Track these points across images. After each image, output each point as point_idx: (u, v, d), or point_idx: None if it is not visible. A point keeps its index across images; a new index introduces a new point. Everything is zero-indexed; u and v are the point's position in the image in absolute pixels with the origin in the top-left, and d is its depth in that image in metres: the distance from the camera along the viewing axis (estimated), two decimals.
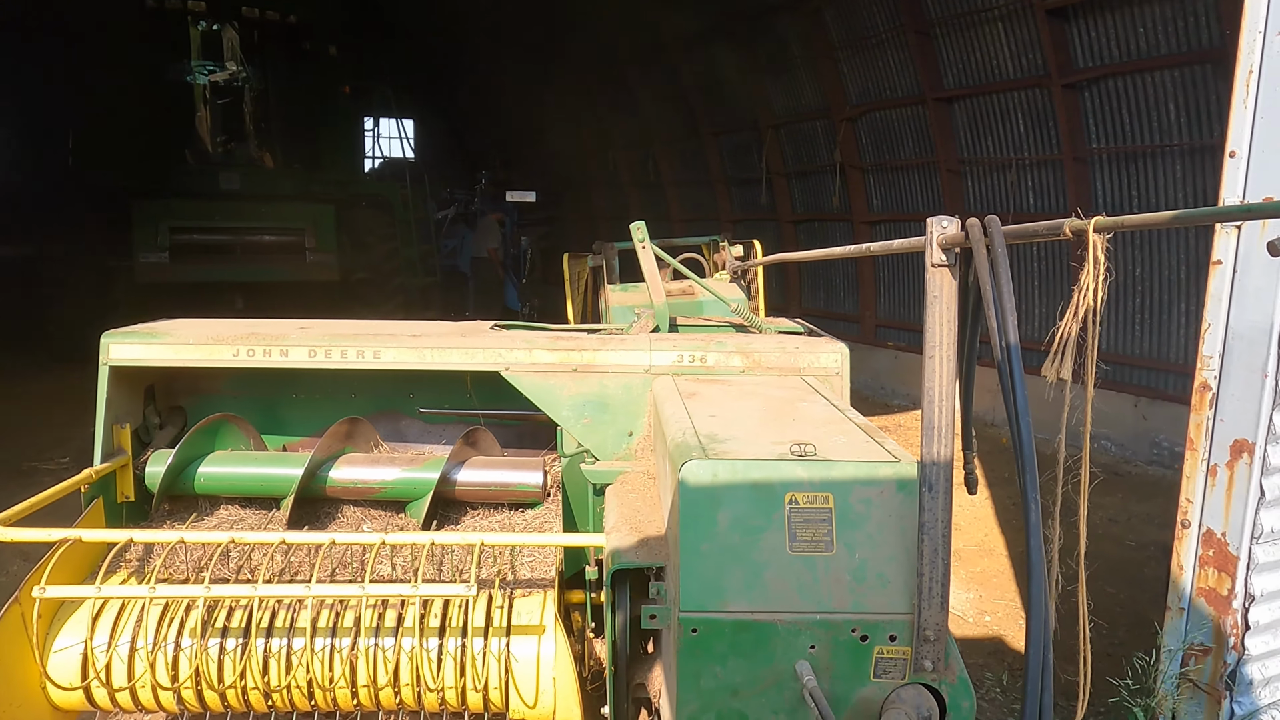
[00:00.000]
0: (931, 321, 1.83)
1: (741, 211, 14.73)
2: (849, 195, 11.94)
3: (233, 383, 3.43)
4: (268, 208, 12.31)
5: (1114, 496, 7.51)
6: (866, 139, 11.60)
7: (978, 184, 10.07)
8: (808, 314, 12.38)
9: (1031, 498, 1.34)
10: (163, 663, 2.47)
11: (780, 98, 13.03)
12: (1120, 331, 8.70)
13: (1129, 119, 8.12)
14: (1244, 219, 0.91)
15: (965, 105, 9.91)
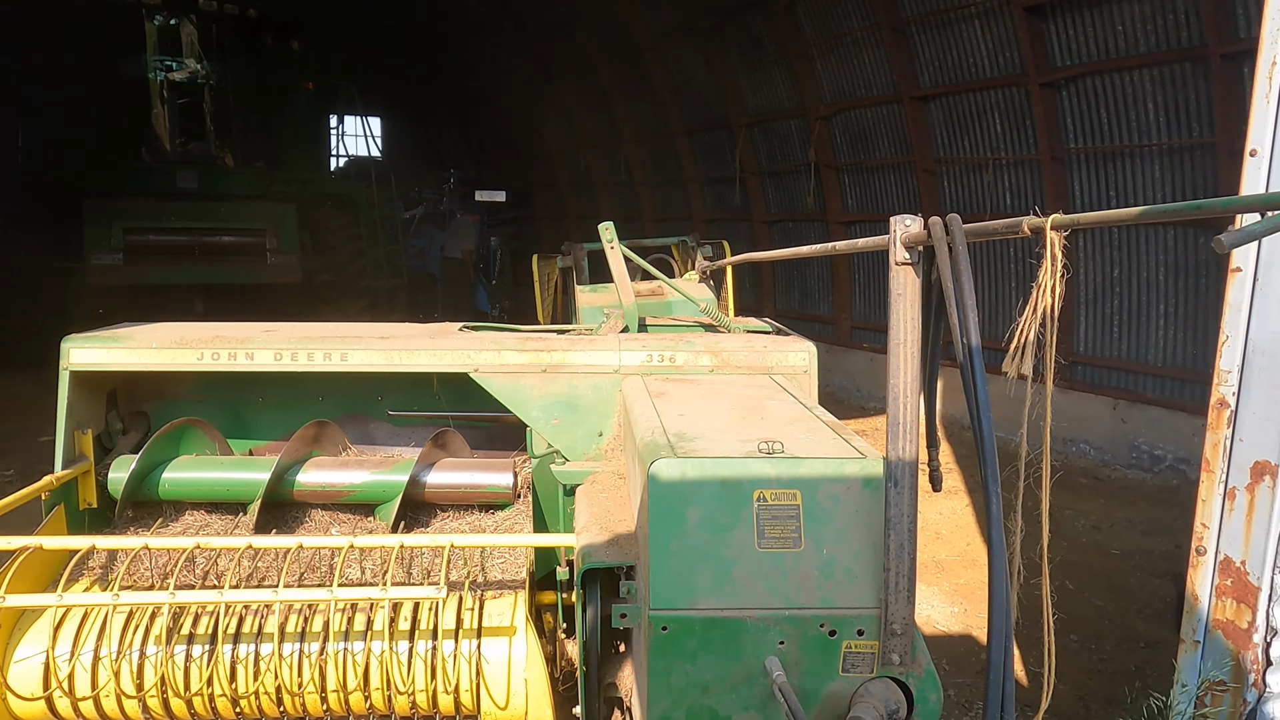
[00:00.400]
0: (895, 319, 1.85)
1: (715, 211, 14.55)
2: (824, 195, 11.79)
3: (197, 387, 3.39)
4: (227, 207, 11.94)
5: (1095, 502, 7.39)
6: (841, 138, 11.46)
7: (954, 184, 9.94)
8: (782, 315, 12.40)
9: (993, 490, 1.37)
10: (127, 671, 2.43)
11: (753, 96, 12.86)
12: (1098, 333, 8.59)
13: (1107, 118, 8.02)
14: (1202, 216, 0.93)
15: (941, 104, 9.77)
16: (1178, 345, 7.93)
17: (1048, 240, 1.27)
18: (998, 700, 1.28)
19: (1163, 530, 6.69)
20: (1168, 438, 7.96)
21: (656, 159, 16.01)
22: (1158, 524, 6.81)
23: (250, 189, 12.37)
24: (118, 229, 11.37)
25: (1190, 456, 7.73)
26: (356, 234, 13.48)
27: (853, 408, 11.06)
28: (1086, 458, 8.54)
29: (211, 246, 11.76)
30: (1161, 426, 7.99)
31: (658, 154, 15.88)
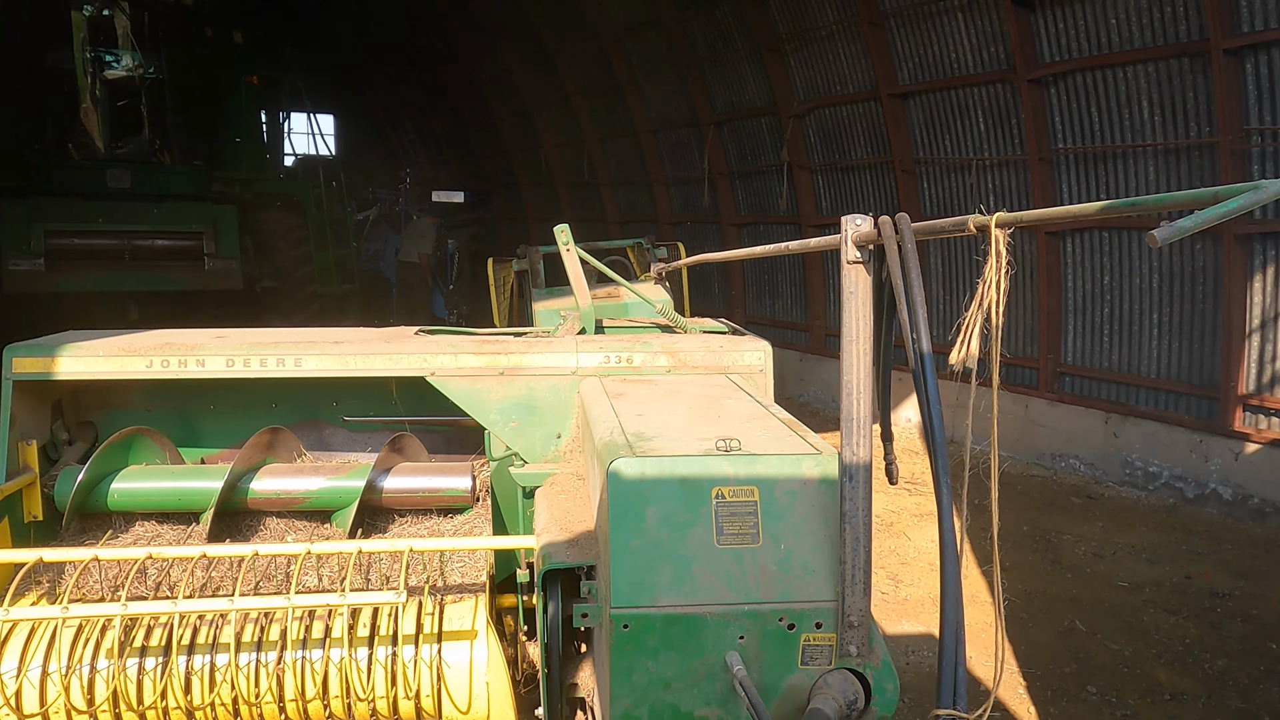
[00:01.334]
0: (848, 317, 1.89)
1: (682, 213, 14.04)
2: (797, 196, 11.31)
3: (145, 395, 3.33)
4: (162, 208, 10.95)
5: (1092, 526, 6.99)
6: (815, 137, 10.97)
7: (934, 185, 9.52)
8: (752, 322, 12.14)
9: (944, 481, 1.40)
10: (78, 686, 2.38)
11: (723, 93, 12.31)
12: (1088, 343, 8.19)
13: (1099, 117, 7.62)
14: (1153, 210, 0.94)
15: (922, 102, 9.30)
16: (1173, 356, 7.55)
17: (993, 238, 1.31)
18: (950, 684, 1.31)
19: (1168, 558, 6.34)
20: (1162, 454, 7.58)
21: (620, 159, 15.42)
22: (1162, 551, 6.46)
23: (188, 189, 11.48)
24: (38, 231, 10.40)
25: (1187, 474, 7.38)
26: (304, 237, 12.55)
27: (829, 419, 10.55)
28: (1076, 474, 8.16)
29: (143, 250, 10.79)
30: (1156, 442, 7.62)
31: (622, 153, 15.31)
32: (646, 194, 14.79)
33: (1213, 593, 5.74)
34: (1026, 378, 8.73)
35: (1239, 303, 6.84)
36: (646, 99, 13.98)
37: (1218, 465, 7.16)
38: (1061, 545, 6.55)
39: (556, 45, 15.24)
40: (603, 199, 15.97)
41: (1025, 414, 8.66)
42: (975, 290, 1.33)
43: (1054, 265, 8.25)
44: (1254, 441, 6.94)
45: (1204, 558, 6.33)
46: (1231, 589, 5.79)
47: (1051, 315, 8.34)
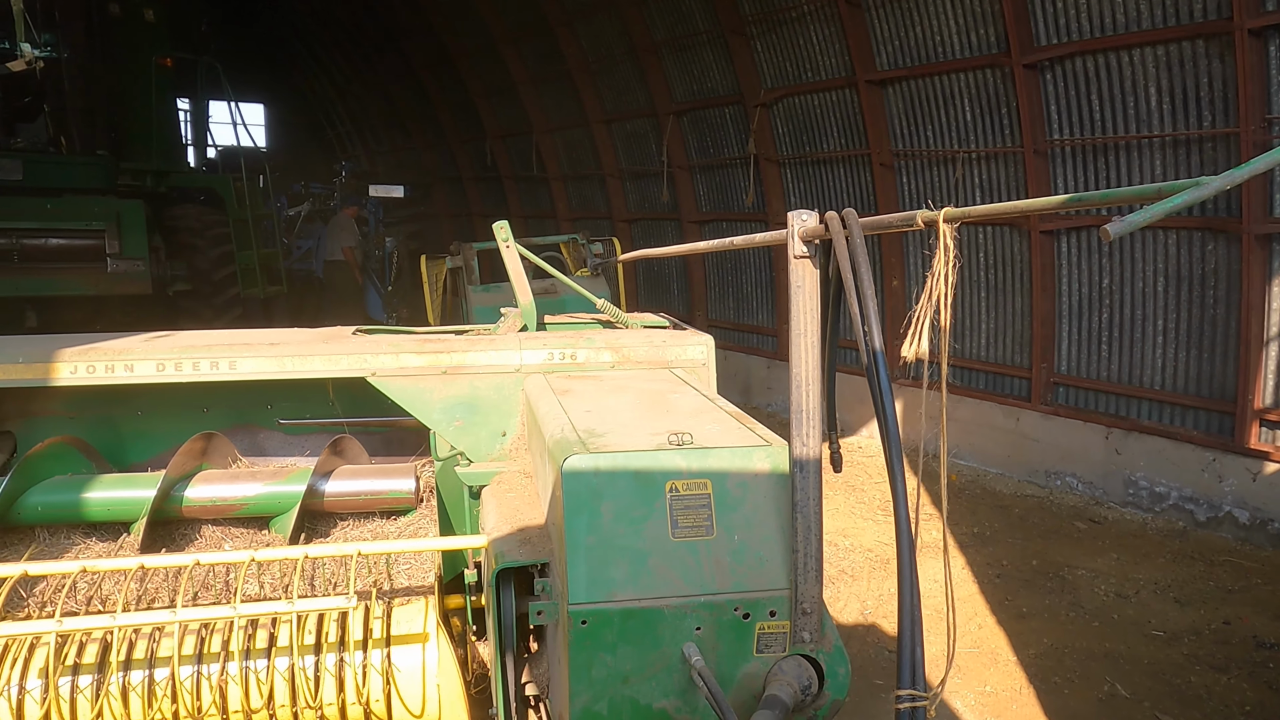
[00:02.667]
0: (795, 311, 1.93)
1: (639, 209, 13.07)
2: (764, 192, 10.48)
3: (68, 402, 3.20)
4: (57, 203, 9.72)
5: (1106, 558, 6.28)
6: (784, 128, 10.12)
7: (915, 180, 8.77)
8: (715, 326, 11.41)
9: (898, 472, 1.45)
10: (5, 708, 2.28)
11: (683, 80, 11.39)
12: (1084, 352, 7.56)
13: (1100, 106, 6.95)
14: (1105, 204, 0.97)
15: (902, 89, 8.52)
16: (1180, 366, 6.90)
17: (941, 232, 1.35)
18: (909, 668, 1.36)
19: (1198, 598, 5.66)
20: (1169, 472, 6.92)
21: (571, 151, 14.38)
22: (1189, 588, 5.80)
23: (89, 181, 10.21)
24: None
25: (1198, 495, 6.73)
26: (224, 235, 11.45)
27: None
28: (1074, 493, 7.54)
29: (34, 251, 9.49)
30: (1163, 460, 6.96)
31: (573, 146, 14.26)
32: (600, 189, 13.81)
33: (1259, 643, 5.09)
34: (1017, 388, 8.15)
35: (1257, 308, 6.26)
36: (600, 87, 12.97)
37: (1233, 486, 6.56)
38: (1078, 583, 5.87)
39: (501, 29, 14.15)
40: (553, 194, 14.99)
41: (1016, 427, 8.06)
42: (926, 285, 1.37)
43: (1048, 267, 7.66)
44: (1273, 460, 6.34)
45: (1236, 596, 5.69)
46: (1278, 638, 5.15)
47: (1045, 321, 7.72)
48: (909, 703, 1.34)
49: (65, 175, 10.16)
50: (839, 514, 7.05)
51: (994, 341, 8.25)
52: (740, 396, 10.88)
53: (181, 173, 11.95)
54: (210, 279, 11.07)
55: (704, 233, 11.75)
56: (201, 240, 11.06)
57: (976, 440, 8.31)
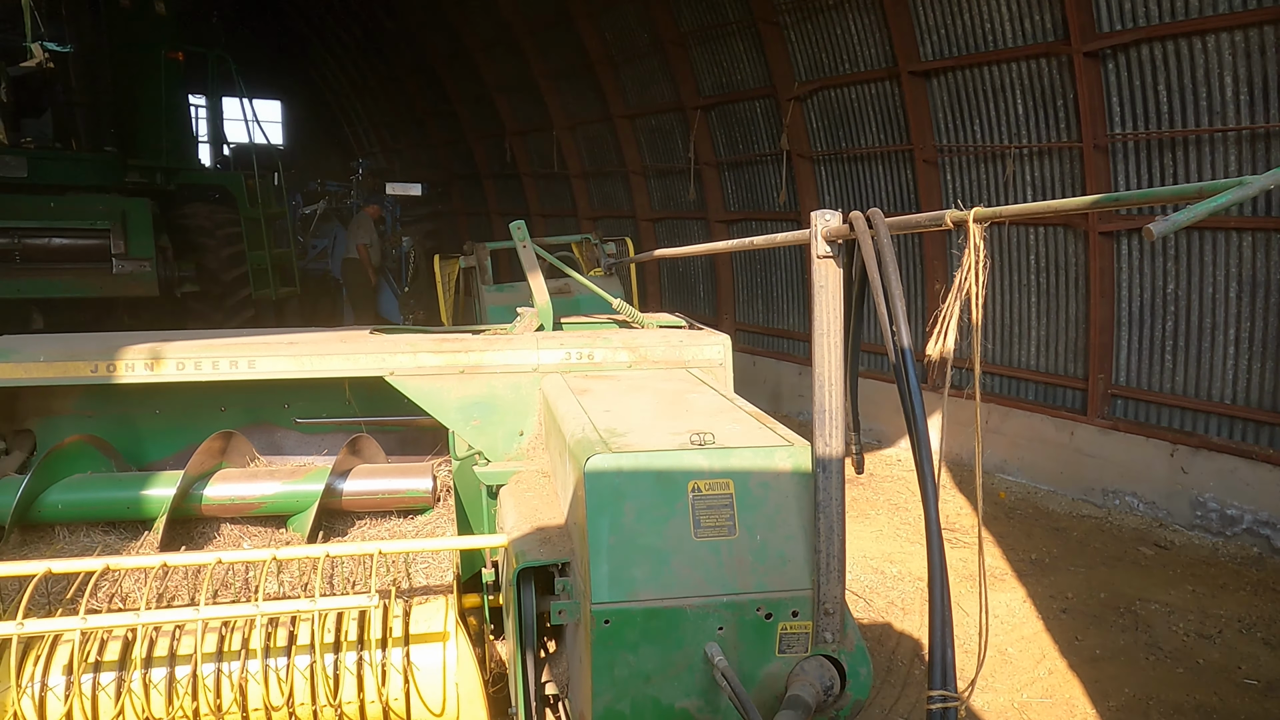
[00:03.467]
0: (819, 311, 1.93)
1: (663, 208, 12.47)
2: (797, 189, 9.85)
3: (86, 401, 3.21)
4: (60, 201, 9.29)
5: (1180, 590, 5.69)
6: (819, 123, 9.51)
7: (961, 177, 8.18)
8: (744, 330, 11.08)
9: (928, 473, 1.44)
10: (30, 705, 2.29)
11: (711, 73, 10.75)
12: (1146, 362, 7.03)
13: (1168, 97, 6.41)
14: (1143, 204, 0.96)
15: (948, 81, 7.92)
16: (1254, 379, 6.38)
17: (970, 232, 1.35)
18: (940, 668, 1.36)
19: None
20: (1242, 493, 6.39)
21: (593, 147, 13.70)
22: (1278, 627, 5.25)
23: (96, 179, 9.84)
24: None
25: (1274, 518, 6.24)
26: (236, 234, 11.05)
27: None
28: (1135, 514, 6.94)
29: (37, 251, 9.06)
30: (1234, 479, 6.43)
31: (594, 142, 13.59)
32: (623, 187, 13.14)
33: None
34: (1070, 400, 7.60)
35: None
36: (623, 81, 12.30)
37: None
38: (1153, 620, 5.31)
39: (520, 21, 13.48)
40: (573, 192, 14.29)
41: (1070, 442, 7.48)
42: (954, 283, 1.37)
43: (1107, 270, 7.12)
44: None
45: None
46: None
47: (1102, 329, 7.18)
48: (940, 703, 1.34)
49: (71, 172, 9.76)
50: (883, 536, 6.48)
51: (1045, 350, 7.75)
52: (769, 404, 10.28)
53: (192, 170, 11.54)
54: (221, 280, 10.72)
55: (731, 233, 11.20)
56: (212, 240, 10.71)
57: (1026, 455, 7.81)
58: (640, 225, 12.58)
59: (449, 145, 18.36)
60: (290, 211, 14.41)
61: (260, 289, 11.22)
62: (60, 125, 9.75)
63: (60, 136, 9.71)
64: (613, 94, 12.42)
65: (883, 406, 8.34)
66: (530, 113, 14.79)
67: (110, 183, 9.90)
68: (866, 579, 5.78)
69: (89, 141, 9.95)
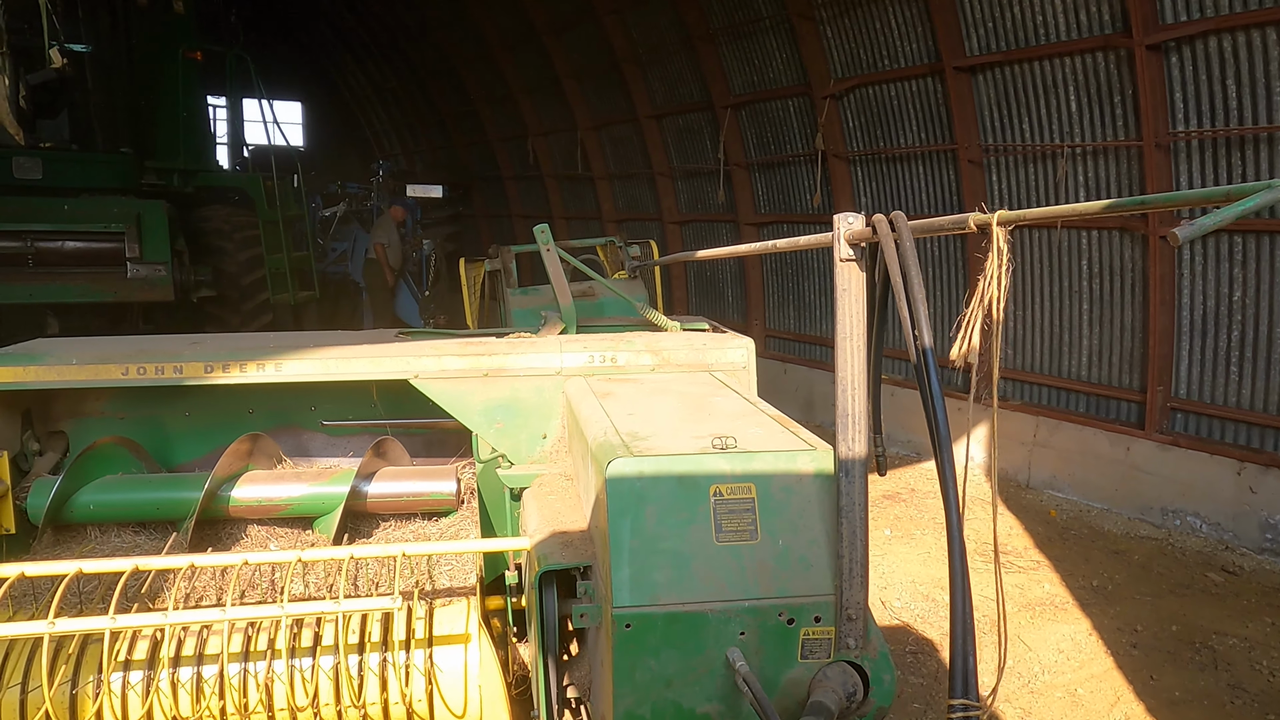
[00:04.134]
0: (841, 314, 1.91)
1: (691, 210, 12.13)
2: (832, 191, 9.47)
3: (117, 403, 3.26)
4: (74, 203, 9.02)
5: (1258, 622, 5.26)
6: (855, 121, 9.13)
7: (1008, 178, 7.79)
8: (774, 335, 10.87)
9: (950, 478, 1.43)
10: (61, 703, 2.33)
11: (742, 70, 10.36)
12: (1209, 374, 6.63)
13: (1237, 92, 6.05)
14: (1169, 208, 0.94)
15: (995, 76, 7.49)
16: None
17: (994, 235, 1.33)
18: (961, 676, 1.34)
19: None
20: None
21: (618, 148, 13.39)
22: None
23: (112, 180, 9.62)
24: None
25: None
26: (253, 237, 10.73)
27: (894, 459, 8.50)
28: (1198, 535, 6.52)
29: (50, 255, 8.77)
30: None
31: (620, 142, 13.27)
32: (649, 188, 12.81)
33: None
34: (1126, 413, 7.20)
35: None
36: (650, 80, 11.90)
37: None
38: (1233, 658, 4.92)
39: (544, 20, 13.18)
40: (598, 194, 13.95)
41: (1126, 458, 7.06)
42: (977, 288, 1.36)
43: (1167, 276, 6.76)
44: None
45: None
46: None
47: (1162, 338, 6.79)
48: (961, 712, 1.32)
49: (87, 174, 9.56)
50: (931, 559, 6.14)
51: (1097, 360, 7.37)
52: (801, 413, 10.02)
53: (210, 172, 11.31)
54: (238, 284, 10.45)
55: (762, 236, 10.77)
56: (230, 243, 10.44)
57: (1078, 471, 7.41)
58: (667, 228, 12.31)
59: (471, 147, 18.14)
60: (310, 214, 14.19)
61: (278, 293, 10.96)
62: (76, 126, 9.55)
63: (77, 138, 9.55)
64: (639, 93, 12.13)
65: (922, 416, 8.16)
66: (554, 113, 14.52)
67: (126, 185, 9.75)
68: (916, 607, 5.43)
69: (105, 143, 9.80)
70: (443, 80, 17.78)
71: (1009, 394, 8.02)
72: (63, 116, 9.46)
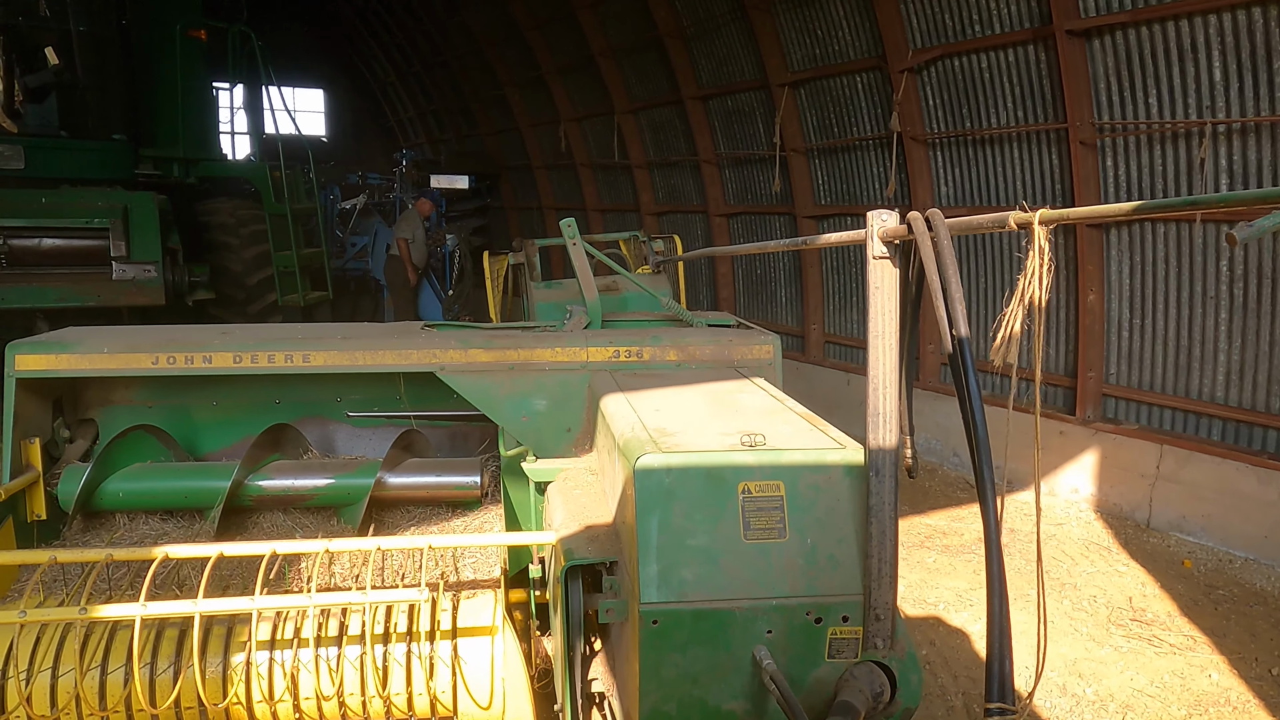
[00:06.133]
0: (874, 312, 1.90)
1: (740, 201, 10.79)
2: (908, 179, 8.17)
3: (146, 392, 3.29)
4: (53, 196, 8.03)
5: None
6: (937, 99, 7.78)
7: (1128, 162, 6.48)
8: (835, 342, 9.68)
9: (988, 478, 1.41)
10: (92, 687, 2.35)
11: (802, 43, 9.00)
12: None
13: None
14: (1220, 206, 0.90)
15: (1114, 41, 6.24)
16: None
17: (1035, 235, 1.32)
18: (997, 681, 1.33)
19: None
20: None
21: (659, 134, 12.10)
22: None
23: (102, 171, 8.68)
24: None
25: None
26: (259, 233, 9.77)
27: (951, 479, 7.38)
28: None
29: (26, 254, 7.75)
30: None
31: (661, 127, 12.00)
32: (692, 177, 11.54)
33: None
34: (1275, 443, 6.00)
35: None
36: (696, 56, 10.62)
37: None
38: None
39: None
40: (635, 184, 12.60)
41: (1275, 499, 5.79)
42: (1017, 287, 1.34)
43: None
44: None
45: None
46: None
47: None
48: (998, 715, 1.31)
49: (74, 163, 8.56)
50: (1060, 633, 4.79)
51: (1237, 379, 6.18)
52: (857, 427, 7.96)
53: (214, 161, 10.38)
54: (244, 284, 9.51)
55: (823, 229, 9.39)
56: (236, 239, 9.52)
57: (1215, 512, 6.11)
58: (712, 221, 11.08)
59: (499, 134, 17.00)
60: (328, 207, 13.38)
61: (287, 294, 10.01)
62: (66, 112, 8.56)
63: (66, 124, 8.57)
64: (684, 71, 10.84)
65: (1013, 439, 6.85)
66: (588, 96, 13.26)
67: (119, 175, 8.86)
68: (1052, 702, 4.17)
69: (98, 129, 8.84)
70: (469, 62, 16.67)
71: (1123, 416, 6.74)
72: (51, 101, 8.50)
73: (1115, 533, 6.17)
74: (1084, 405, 6.79)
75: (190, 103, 9.68)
